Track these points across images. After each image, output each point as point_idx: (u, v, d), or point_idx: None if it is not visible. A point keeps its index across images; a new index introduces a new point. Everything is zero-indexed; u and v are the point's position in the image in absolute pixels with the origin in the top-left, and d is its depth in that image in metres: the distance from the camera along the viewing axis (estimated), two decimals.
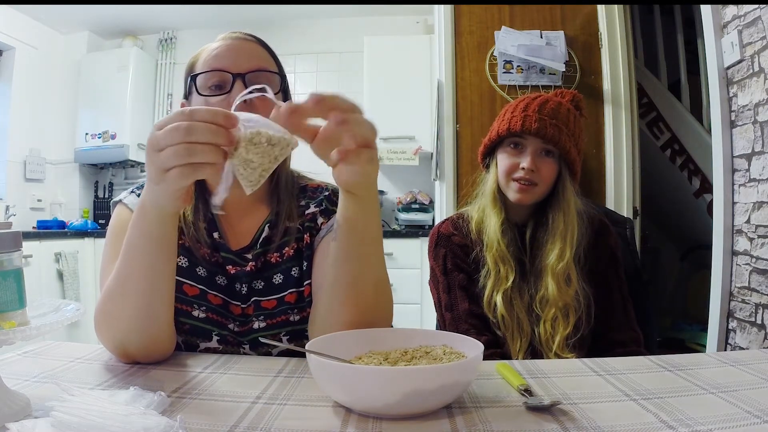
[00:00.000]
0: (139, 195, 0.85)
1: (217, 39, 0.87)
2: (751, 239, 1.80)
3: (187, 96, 0.86)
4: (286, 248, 0.88)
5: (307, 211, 0.91)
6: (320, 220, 0.90)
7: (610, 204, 2.53)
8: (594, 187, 2.56)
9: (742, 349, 1.79)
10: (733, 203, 1.90)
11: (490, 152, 1.21)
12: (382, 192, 3.60)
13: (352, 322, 0.71)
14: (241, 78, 0.81)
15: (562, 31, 2.59)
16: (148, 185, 0.61)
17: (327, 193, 0.94)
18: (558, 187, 1.13)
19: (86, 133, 3.68)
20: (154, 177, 0.57)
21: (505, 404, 0.58)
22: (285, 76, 0.88)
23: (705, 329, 2.02)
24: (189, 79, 0.84)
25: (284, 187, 0.91)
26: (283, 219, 0.88)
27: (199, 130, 0.53)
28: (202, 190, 0.88)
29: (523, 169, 1.11)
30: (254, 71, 0.82)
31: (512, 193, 1.13)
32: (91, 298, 3.24)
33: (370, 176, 0.63)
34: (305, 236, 0.88)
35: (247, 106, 0.78)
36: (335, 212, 0.89)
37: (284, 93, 0.89)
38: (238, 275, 0.85)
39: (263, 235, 0.87)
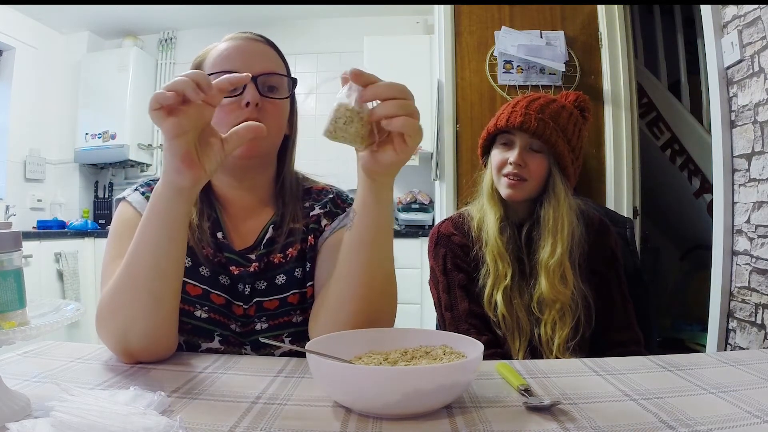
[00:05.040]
0: (143, 193, 0.86)
1: (225, 39, 0.87)
2: (751, 239, 1.80)
3: None
4: (290, 249, 0.88)
5: (311, 213, 0.91)
6: (324, 222, 0.90)
7: (610, 204, 2.53)
8: (594, 187, 2.56)
9: (742, 349, 1.79)
10: (733, 203, 1.90)
11: (487, 151, 1.21)
12: None
13: (359, 312, 0.72)
14: (253, 81, 0.81)
15: (562, 31, 2.59)
16: (164, 165, 0.65)
17: (331, 196, 0.94)
18: (549, 184, 1.13)
19: (86, 133, 3.67)
20: (174, 129, 0.61)
21: (505, 404, 0.58)
22: (296, 79, 0.89)
23: (705, 329, 2.02)
24: None
25: (289, 189, 0.92)
26: (288, 220, 0.88)
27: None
28: (207, 192, 0.88)
29: (510, 164, 1.11)
30: (266, 74, 0.83)
31: (503, 189, 1.14)
32: (91, 298, 3.24)
33: (399, 166, 0.65)
34: (309, 237, 0.88)
35: (258, 110, 0.79)
36: (339, 214, 0.90)
37: (291, 97, 0.89)
38: (242, 276, 0.85)
39: (267, 236, 0.87)
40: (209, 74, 0.81)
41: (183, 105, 0.61)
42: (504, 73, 2.58)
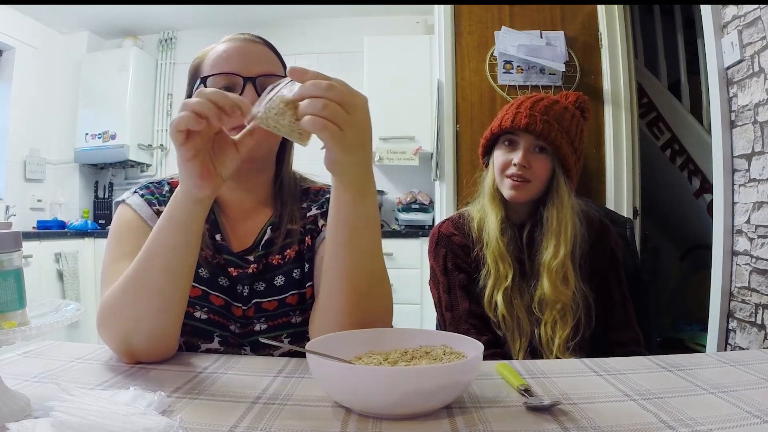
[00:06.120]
0: (142, 195, 0.85)
1: (223, 39, 0.87)
2: (751, 239, 1.80)
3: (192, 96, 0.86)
4: (288, 250, 0.88)
5: (308, 214, 0.91)
6: (321, 222, 0.90)
7: (610, 204, 2.54)
8: (594, 187, 2.56)
9: (742, 349, 1.79)
10: (733, 203, 1.90)
11: (488, 151, 1.21)
12: (381, 192, 3.59)
13: (347, 312, 0.71)
14: (252, 82, 0.81)
15: (562, 31, 2.59)
16: (181, 179, 0.65)
17: (328, 196, 0.94)
18: (552, 185, 1.13)
19: (86, 133, 3.67)
20: (189, 152, 0.61)
21: (505, 404, 0.58)
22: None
23: (705, 329, 2.02)
24: (198, 81, 0.84)
25: (287, 190, 0.91)
26: (286, 221, 0.88)
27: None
28: None
29: (515, 165, 1.11)
30: (265, 75, 0.82)
31: (506, 190, 1.13)
32: (91, 298, 3.24)
33: (341, 160, 0.62)
34: (307, 238, 0.88)
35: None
36: None
37: None
38: (240, 277, 0.85)
39: (265, 237, 0.87)
40: (207, 76, 0.82)
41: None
42: (504, 73, 2.58)
